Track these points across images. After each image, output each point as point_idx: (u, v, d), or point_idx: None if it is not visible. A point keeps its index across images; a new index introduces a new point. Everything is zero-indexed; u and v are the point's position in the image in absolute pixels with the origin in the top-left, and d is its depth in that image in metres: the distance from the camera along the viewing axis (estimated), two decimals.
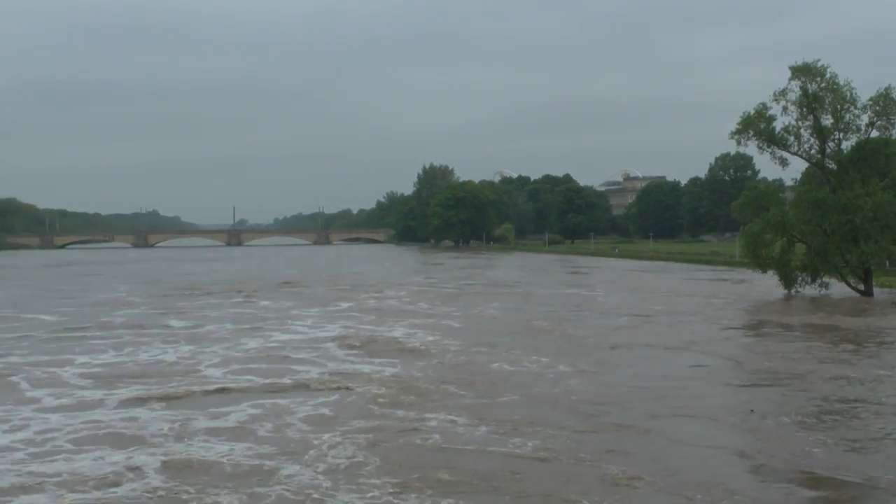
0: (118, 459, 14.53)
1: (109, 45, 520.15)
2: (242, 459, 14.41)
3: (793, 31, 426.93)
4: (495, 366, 23.35)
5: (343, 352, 26.57)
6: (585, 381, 20.94)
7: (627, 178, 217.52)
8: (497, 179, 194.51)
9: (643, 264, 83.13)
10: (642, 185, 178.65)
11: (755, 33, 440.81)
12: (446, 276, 67.09)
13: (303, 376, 22.14)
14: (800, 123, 44.34)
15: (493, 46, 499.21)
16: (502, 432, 15.84)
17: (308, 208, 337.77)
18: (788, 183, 59.50)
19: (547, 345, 27.30)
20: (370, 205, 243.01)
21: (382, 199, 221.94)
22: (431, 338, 29.35)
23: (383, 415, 17.59)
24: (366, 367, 23.41)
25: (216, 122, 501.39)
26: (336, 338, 29.66)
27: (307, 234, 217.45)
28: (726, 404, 18.34)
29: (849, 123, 43.77)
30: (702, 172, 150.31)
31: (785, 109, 44.14)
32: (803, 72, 43.28)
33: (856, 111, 43.41)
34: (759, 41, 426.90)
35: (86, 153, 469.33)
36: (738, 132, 45.22)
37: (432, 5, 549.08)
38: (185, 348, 27.57)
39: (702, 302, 41.83)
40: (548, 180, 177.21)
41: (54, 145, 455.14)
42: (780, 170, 47.52)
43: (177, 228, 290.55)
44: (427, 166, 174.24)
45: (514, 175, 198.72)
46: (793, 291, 44.52)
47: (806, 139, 44.67)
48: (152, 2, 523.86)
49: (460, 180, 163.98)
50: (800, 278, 44.62)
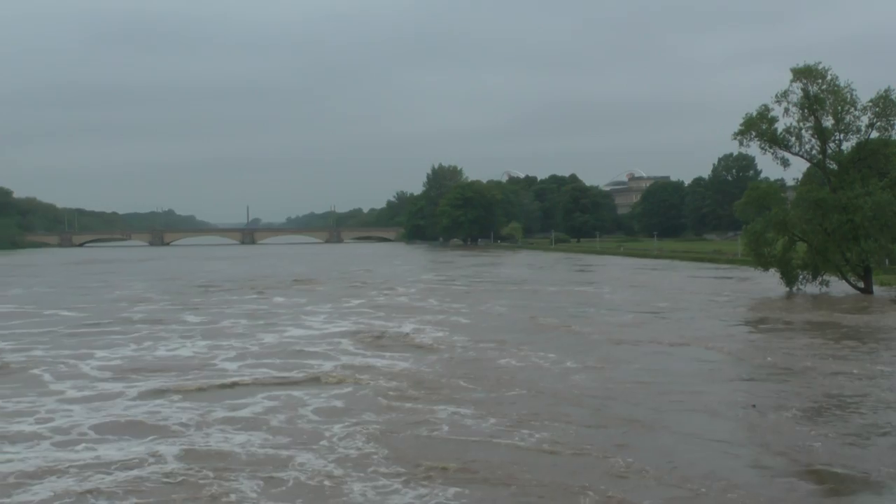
0: (139, 447, 14.84)
1: (126, 48, 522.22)
2: (257, 448, 14.63)
3: (795, 33, 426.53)
4: (503, 361, 23.39)
5: (355, 347, 26.73)
6: (591, 377, 20.94)
7: (632, 178, 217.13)
8: (505, 179, 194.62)
9: (648, 262, 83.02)
10: (647, 184, 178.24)
11: (757, 36, 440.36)
12: (455, 274, 67.16)
13: (316, 370, 22.33)
14: (801, 125, 44.30)
15: (501, 49, 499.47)
16: (509, 425, 15.91)
17: (320, 208, 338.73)
18: (790, 183, 59.27)
19: (554, 341, 27.32)
20: (380, 204, 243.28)
21: (392, 199, 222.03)
22: (441, 334, 29.46)
23: (393, 407, 17.74)
24: (377, 362, 23.56)
25: (230, 124, 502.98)
26: (348, 333, 29.84)
27: (319, 232, 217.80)
28: (729, 399, 18.32)
29: (849, 124, 43.68)
30: (705, 172, 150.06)
31: (786, 111, 44.12)
32: (805, 74, 43.23)
33: (856, 112, 43.33)
34: (762, 44, 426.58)
35: (103, 154, 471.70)
36: (741, 133, 45.21)
37: (442, 9, 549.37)
38: (202, 343, 27.81)
39: (705, 299, 41.81)
40: (554, 180, 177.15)
41: (73, 146, 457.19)
42: (782, 170, 47.56)
43: (192, 227, 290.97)
44: (436, 166, 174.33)
45: (522, 175, 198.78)
46: (794, 289, 44.45)
47: (807, 140, 44.64)
48: (168, 7, 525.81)
49: (469, 180, 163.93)
50: (801, 276, 44.54)
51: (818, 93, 43.10)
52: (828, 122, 43.81)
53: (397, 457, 13.90)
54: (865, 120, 43.51)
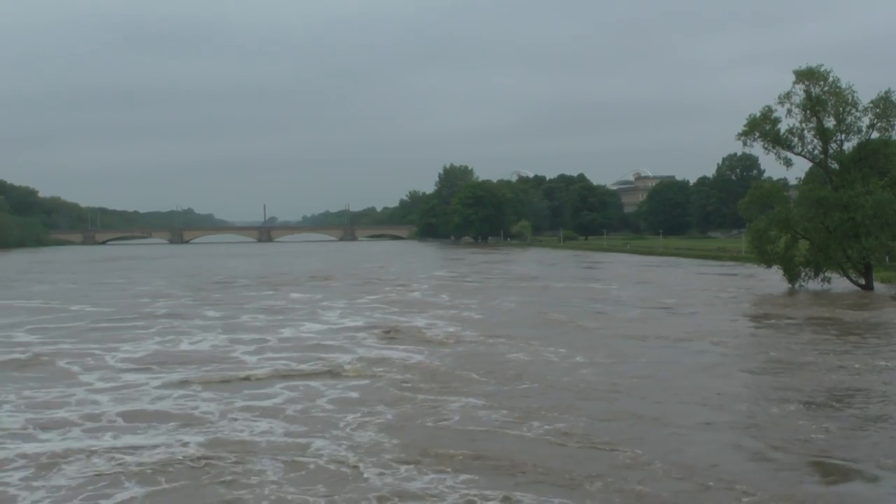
0: (165, 433, 15.14)
1: (147, 52, 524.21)
2: (277, 437, 14.87)
3: (796, 36, 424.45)
4: (513, 355, 23.44)
5: (369, 340, 26.90)
6: (599, 371, 20.93)
7: (639, 178, 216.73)
8: (514, 179, 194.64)
9: (654, 259, 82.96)
10: (653, 183, 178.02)
11: (760, 39, 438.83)
12: (466, 271, 67.31)
13: (331, 363, 22.50)
14: (803, 125, 44.25)
15: (510, 51, 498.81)
16: (518, 417, 15.98)
17: (335, 206, 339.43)
18: (792, 182, 59.24)
19: (563, 336, 27.37)
20: (394, 203, 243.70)
21: (405, 198, 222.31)
22: (452, 328, 29.58)
23: (406, 398, 17.89)
24: (390, 355, 23.72)
25: (248, 125, 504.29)
26: (363, 327, 30.03)
27: (334, 230, 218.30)
28: (734, 393, 18.27)
29: (850, 125, 43.61)
30: (710, 172, 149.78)
31: (789, 112, 44.07)
32: (807, 76, 43.18)
33: (857, 113, 43.26)
34: (764, 46, 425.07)
35: (125, 154, 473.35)
36: (745, 133, 45.20)
37: (453, 12, 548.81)
38: (222, 336, 28.03)
39: (710, 295, 41.82)
40: (563, 179, 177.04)
41: (96, 147, 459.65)
42: (785, 169, 47.75)
43: (210, 225, 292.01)
44: (448, 166, 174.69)
45: (531, 174, 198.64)
46: (796, 286, 44.44)
47: (809, 140, 44.59)
48: (188, 11, 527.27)
49: (479, 179, 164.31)
50: (803, 273, 44.51)
51: (820, 94, 43.06)
52: (829, 122, 43.78)
53: (410, 445, 14.07)
54: (866, 121, 43.50)
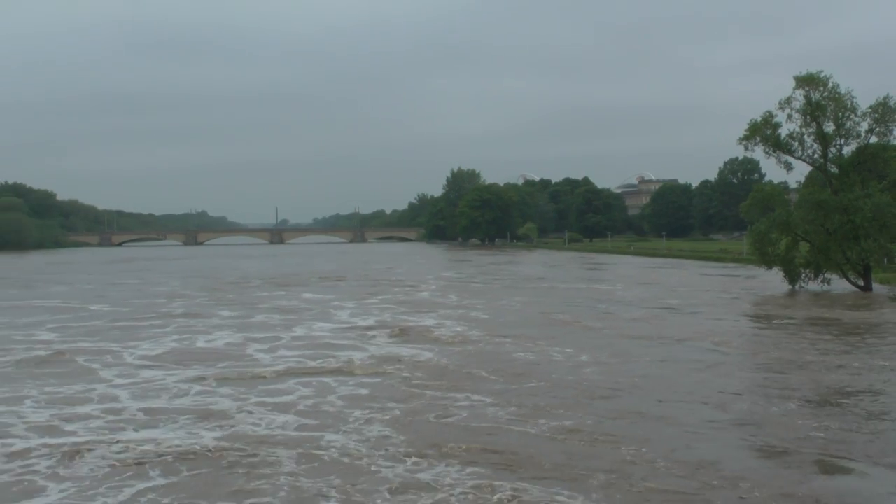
0: (184, 426, 15.45)
1: (161, 58, 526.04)
2: (291, 430, 15.14)
3: (798, 42, 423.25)
4: (519, 354, 23.51)
5: (379, 339, 27.07)
6: (603, 370, 20.95)
7: (642, 181, 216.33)
8: (520, 182, 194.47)
9: (657, 261, 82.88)
10: (656, 187, 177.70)
11: (763, 44, 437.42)
12: (474, 272, 67.40)
13: (342, 361, 22.68)
14: (803, 130, 44.30)
15: (518, 57, 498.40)
16: (524, 414, 16.08)
17: (345, 209, 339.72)
18: (793, 185, 59.20)
19: (568, 335, 27.42)
20: (403, 206, 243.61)
21: (414, 201, 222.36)
22: (460, 328, 29.70)
23: (415, 395, 18.06)
24: (400, 353, 23.87)
25: (260, 129, 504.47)
26: (373, 327, 30.20)
27: (344, 232, 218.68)
28: (736, 391, 18.25)
29: (849, 130, 43.68)
30: (712, 175, 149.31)
31: (790, 117, 44.14)
32: (807, 82, 43.25)
33: (856, 118, 43.33)
34: (765, 53, 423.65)
35: (141, 158, 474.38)
36: (746, 138, 45.27)
37: (463, 19, 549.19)
38: (237, 335, 28.25)
39: (713, 296, 41.82)
40: (568, 182, 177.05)
41: (112, 151, 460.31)
42: (785, 173, 47.46)
43: (224, 227, 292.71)
44: (455, 170, 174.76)
45: (537, 178, 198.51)
46: (797, 287, 44.48)
47: (809, 145, 44.67)
48: (202, 18, 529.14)
49: (486, 183, 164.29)
50: (803, 274, 44.57)
51: (820, 100, 43.13)
52: (829, 127, 43.86)
53: (419, 439, 14.25)
54: (865, 125, 43.55)
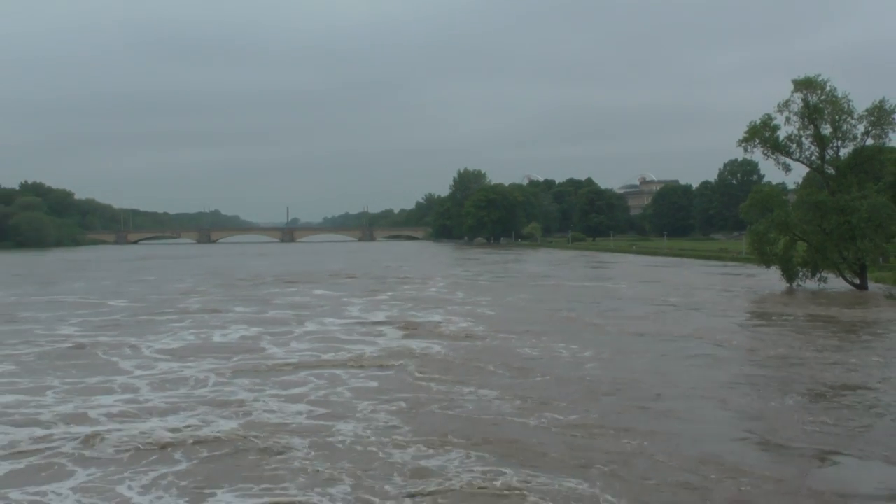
0: (203, 414, 15.76)
1: (175, 59, 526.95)
2: (305, 419, 15.42)
3: (796, 47, 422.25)
4: (525, 350, 23.58)
5: (389, 334, 27.26)
6: (607, 365, 20.98)
7: (644, 182, 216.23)
8: (525, 182, 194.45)
9: (659, 260, 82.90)
10: (658, 187, 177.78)
11: (762, 50, 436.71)
12: (480, 270, 67.53)
13: (352, 354, 22.90)
14: (801, 132, 44.45)
15: (524, 61, 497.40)
16: (528, 407, 16.16)
17: (354, 208, 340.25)
18: (791, 186, 59.24)
19: (571, 332, 27.43)
20: (410, 205, 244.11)
21: (421, 200, 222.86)
22: (466, 324, 29.84)
23: (423, 388, 18.23)
24: (408, 348, 24.03)
25: (271, 130, 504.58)
26: (382, 322, 30.41)
27: (353, 231, 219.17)
28: (735, 387, 18.26)
29: (846, 132, 43.79)
30: (712, 177, 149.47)
31: (788, 120, 44.31)
32: (805, 85, 43.35)
33: (853, 121, 43.45)
34: (766, 57, 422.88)
35: (156, 158, 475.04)
36: (745, 140, 45.39)
37: (471, 24, 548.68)
38: (252, 330, 28.47)
39: (713, 294, 41.87)
40: (571, 183, 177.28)
41: (128, 151, 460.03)
42: (784, 174, 47.79)
43: (236, 226, 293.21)
44: (462, 170, 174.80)
45: (541, 178, 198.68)
46: (795, 285, 44.53)
47: (807, 147, 44.80)
48: (216, 19, 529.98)
49: (492, 183, 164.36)
50: (801, 273, 44.60)
51: (817, 103, 43.24)
52: (826, 130, 43.95)
53: (428, 429, 14.44)
54: (861, 128, 43.68)
